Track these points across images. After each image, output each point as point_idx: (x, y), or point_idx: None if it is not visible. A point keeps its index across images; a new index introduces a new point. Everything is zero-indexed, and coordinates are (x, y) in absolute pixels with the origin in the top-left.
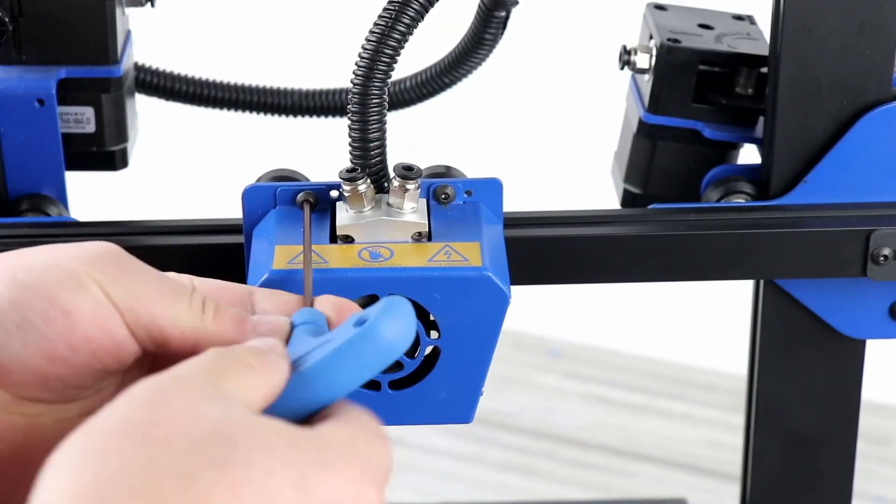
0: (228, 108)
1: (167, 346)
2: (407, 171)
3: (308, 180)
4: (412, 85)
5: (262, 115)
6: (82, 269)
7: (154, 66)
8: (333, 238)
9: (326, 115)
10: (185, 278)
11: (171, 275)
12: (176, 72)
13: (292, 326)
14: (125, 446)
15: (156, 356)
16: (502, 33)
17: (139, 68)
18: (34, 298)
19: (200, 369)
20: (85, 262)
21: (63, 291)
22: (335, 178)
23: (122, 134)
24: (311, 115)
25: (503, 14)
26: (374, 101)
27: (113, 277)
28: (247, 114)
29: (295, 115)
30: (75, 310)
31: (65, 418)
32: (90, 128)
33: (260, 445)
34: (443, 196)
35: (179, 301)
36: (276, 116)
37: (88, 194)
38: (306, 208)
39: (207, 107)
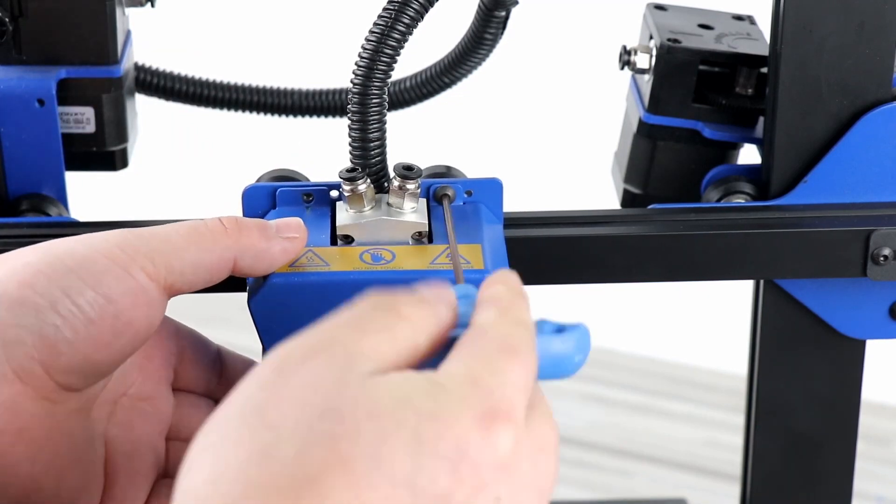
0: (228, 108)
1: (211, 277)
2: (407, 171)
3: (308, 180)
4: (412, 85)
5: (262, 115)
6: (122, 254)
7: (154, 67)
8: (334, 239)
9: (326, 115)
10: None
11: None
12: (176, 72)
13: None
14: (243, 435)
15: None
16: (502, 33)
17: (139, 68)
18: (83, 286)
19: (338, 329)
20: (121, 245)
21: (109, 279)
22: (335, 178)
23: (122, 134)
24: (311, 115)
25: (503, 14)
26: (374, 101)
27: (147, 251)
28: (247, 114)
29: (295, 115)
30: (120, 297)
31: (77, 408)
32: (90, 128)
33: (369, 412)
34: (443, 198)
35: (201, 235)
36: (276, 116)
37: (88, 194)
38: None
39: (207, 107)
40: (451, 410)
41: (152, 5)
